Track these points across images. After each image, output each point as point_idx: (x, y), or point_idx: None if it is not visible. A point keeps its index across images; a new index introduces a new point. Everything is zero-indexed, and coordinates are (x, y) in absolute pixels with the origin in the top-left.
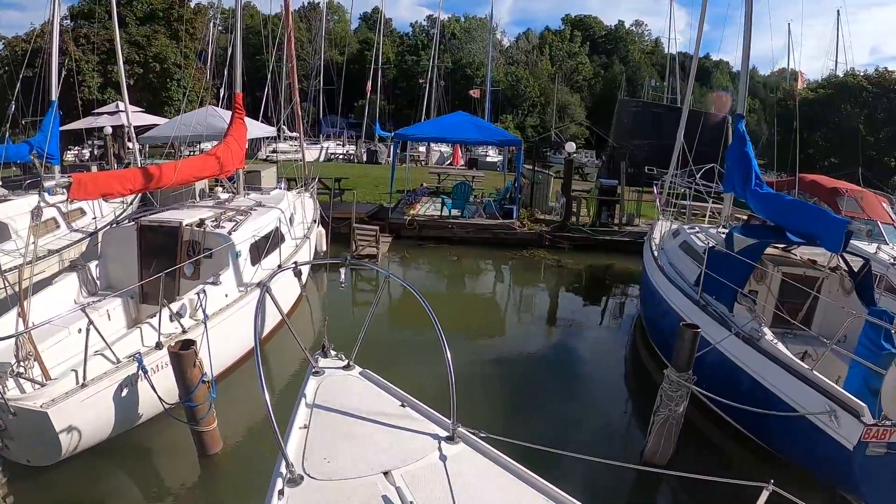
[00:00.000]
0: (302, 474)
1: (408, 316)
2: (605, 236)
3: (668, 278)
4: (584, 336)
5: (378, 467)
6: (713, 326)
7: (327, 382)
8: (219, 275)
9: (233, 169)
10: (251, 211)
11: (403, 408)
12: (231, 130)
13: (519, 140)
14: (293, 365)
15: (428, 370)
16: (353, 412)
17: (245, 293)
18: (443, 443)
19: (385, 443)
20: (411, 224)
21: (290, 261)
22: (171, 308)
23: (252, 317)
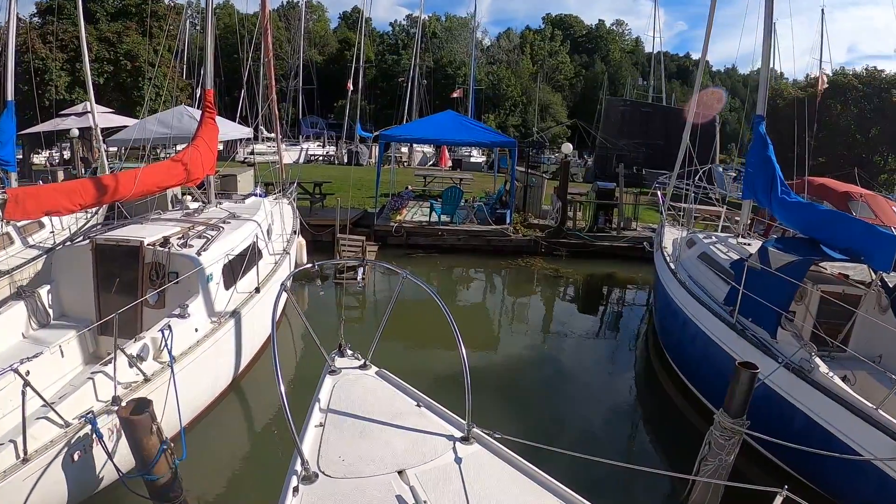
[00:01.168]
0: (317, 472)
1: (422, 317)
2: (603, 242)
3: (691, 295)
4: (592, 349)
5: (393, 466)
6: (755, 355)
7: (343, 381)
8: (186, 305)
9: (202, 175)
10: (223, 224)
11: (419, 408)
12: (201, 132)
13: (513, 141)
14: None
15: (441, 371)
16: (368, 411)
17: (218, 325)
18: (457, 443)
19: (400, 442)
20: (398, 231)
21: (268, 281)
22: (128, 355)
23: (228, 351)
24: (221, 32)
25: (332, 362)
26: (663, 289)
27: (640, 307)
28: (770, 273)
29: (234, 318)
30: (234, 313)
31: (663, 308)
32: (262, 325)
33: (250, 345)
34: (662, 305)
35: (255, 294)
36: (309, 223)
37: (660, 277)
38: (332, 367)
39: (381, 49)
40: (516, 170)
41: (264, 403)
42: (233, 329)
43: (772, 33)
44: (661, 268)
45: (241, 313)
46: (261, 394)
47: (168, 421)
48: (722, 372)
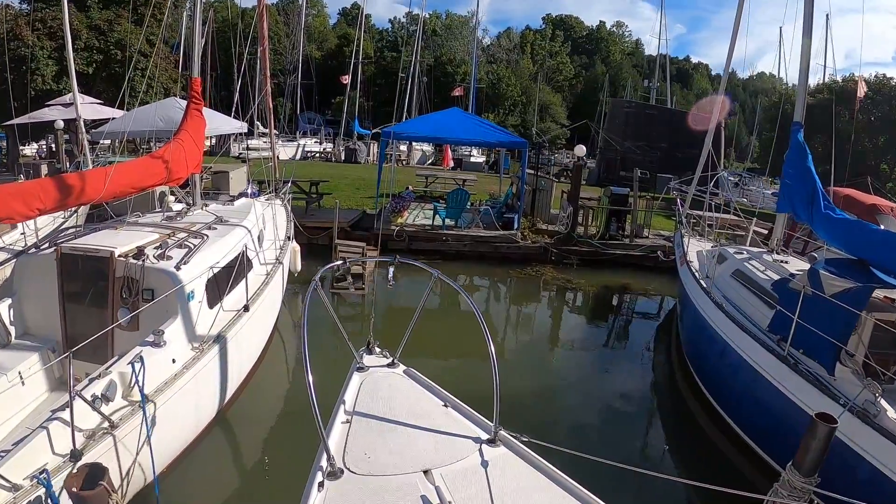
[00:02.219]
0: (342, 468)
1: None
2: (615, 250)
3: (732, 320)
4: (609, 365)
5: (418, 465)
6: (811, 394)
7: (371, 379)
8: (162, 332)
9: (186, 174)
10: (209, 231)
11: (445, 408)
12: (185, 125)
13: (524, 142)
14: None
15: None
16: (395, 409)
17: (200, 352)
18: (484, 445)
19: (426, 442)
20: (400, 235)
21: (259, 297)
22: (88, 401)
23: (211, 382)
24: (220, 26)
25: (360, 359)
26: (694, 308)
27: (655, 320)
28: (825, 300)
29: (218, 344)
30: (219, 338)
31: (694, 329)
32: (251, 347)
33: (237, 371)
34: (693, 326)
35: (243, 313)
36: (304, 225)
37: (689, 295)
38: (359, 364)
39: (381, 46)
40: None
41: (253, 436)
42: (217, 357)
43: (811, 34)
44: (689, 284)
45: (228, 337)
46: (249, 425)
47: (140, 467)
48: (769, 409)
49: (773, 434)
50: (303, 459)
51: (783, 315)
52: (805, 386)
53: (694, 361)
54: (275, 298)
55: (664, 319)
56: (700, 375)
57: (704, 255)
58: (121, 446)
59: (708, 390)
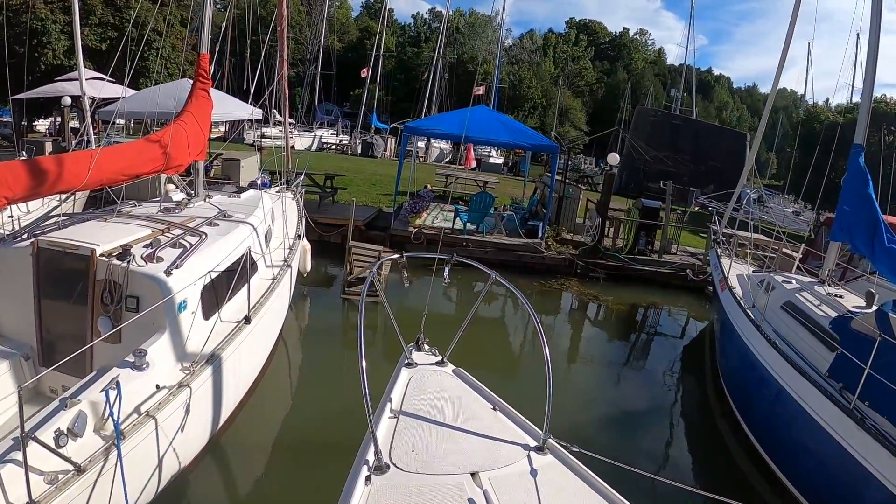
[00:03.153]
0: (388, 463)
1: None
2: (643, 266)
3: (784, 357)
4: (640, 387)
5: (466, 468)
6: (880, 455)
7: (419, 376)
8: (143, 352)
9: (187, 161)
10: (210, 227)
11: (494, 411)
12: (190, 106)
13: (556, 146)
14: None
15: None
16: (443, 409)
17: (190, 375)
18: (532, 453)
19: (474, 444)
20: (418, 238)
21: (262, 306)
22: (43, 445)
23: (202, 410)
24: (241, 13)
25: (409, 355)
26: (739, 341)
27: (680, 339)
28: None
29: (212, 365)
30: (214, 357)
31: (738, 363)
32: (252, 364)
33: (234, 393)
34: (737, 359)
35: (243, 325)
36: (316, 221)
37: (734, 325)
38: (408, 360)
39: (402, 41)
40: (549, 177)
41: (249, 466)
42: (210, 379)
43: (876, 54)
44: (734, 313)
45: (224, 356)
46: (245, 454)
47: None
48: (827, 465)
49: (829, 492)
50: (304, 491)
51: (846, 360)
52: (873, 446)
53: (737, 398)
54: (281, 306)
55: (691, 341)
56: (743, 414)
57: (747, 280)
58: (90, 493)
59: (753, 433)
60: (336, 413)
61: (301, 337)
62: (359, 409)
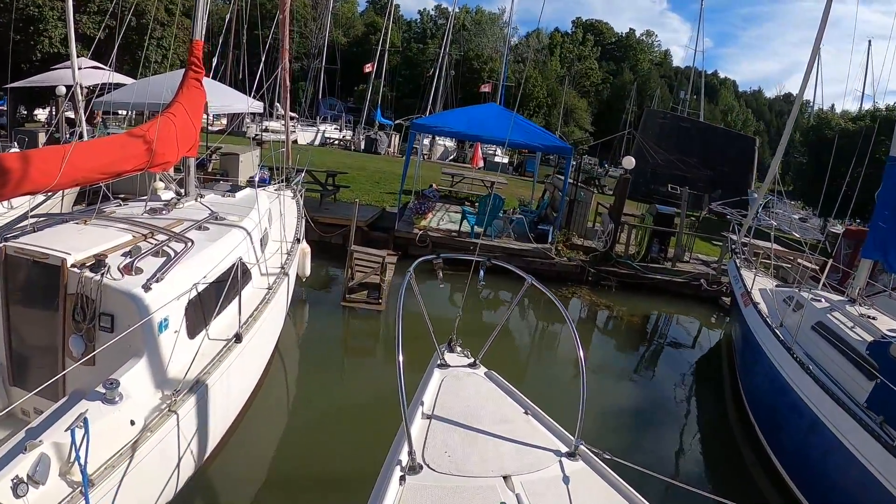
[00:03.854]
0: (422, 463)
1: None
2: (656, 275)
3: (819, 384)
4: (663, 405)
5: (498, 471)
6: None
7: (451, 377)
8: (116, 382)
9: (176, 158)
10: (199, 232)
11: (526, 415)
12: (180, 96)
13: (570, 148)
14: None
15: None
16: (476, 411)
17: (172, 405)
18: (564, 458)
19: (506, 448)
20: (423, 241)
21: (255, 322)
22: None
23: (183, 446)
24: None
25: (441, 356)
26: (767, 362)
27: (690, 350)
28: None
29: (197, 393)
30: (199, 384)
31: (765, 386)
32: (242, 386)
33: (222, 421)
34: (764, 382)
35: (234, 344)
36: (317, 221)
37: (761, 345)
38: (440, 361)
39: (408, 37)
40: (558, 178)
41: (238, 498)
42: (195, 409)
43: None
44: (760, 332)
45: (210, 383)
46: (234, 485)
47: None
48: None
49: None
50: None
51: (886, 390)
52: None
53: (763, 423)
54: (276, 320)
55: (707, 353)
56: (771, 442)
57: (771, 295)
58: None
59: (781, 461)
60: (333, 437)
61: (298, 349)
62: (357, 431)
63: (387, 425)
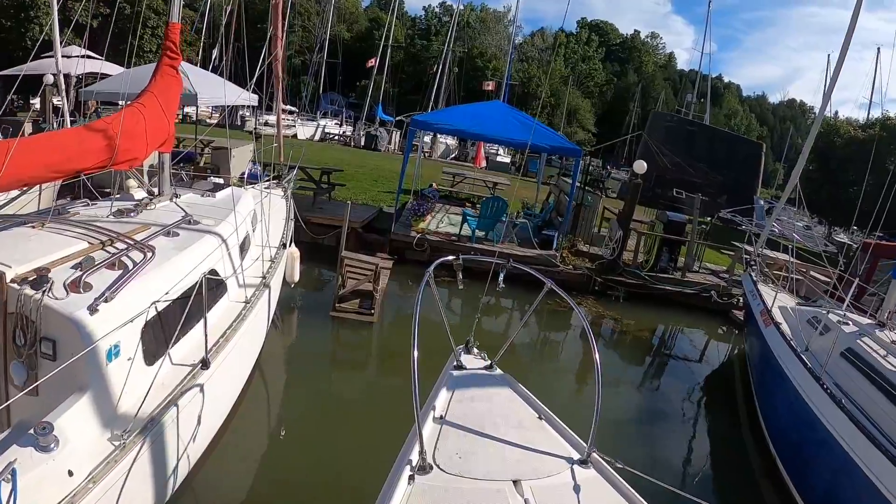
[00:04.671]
0: (432, 464)
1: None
2: (665, 285)
3: (853, 420)
4: (674, 428)
5: (509, 475)
6: None
7: (467, 379)
8: (49, 426)
9: (144, 154)
10: (166, 238)
11: (540, 420)
12: (153, 85)
13: (580, 150)
14: None
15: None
16: (489, 414)
17: (122, 450)
18: (576, 465)
19: (517, 452)
20: (421, 245)
21: (226, 345)
22: None
23: (136, 493)
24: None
25: (457, 358)
26: (793, 392)
27: (696, 365)
28: None
29: (151, 434)
30: (154, 423)
31: (790, 419)
32: (209, 419)
33: (184, 462)
34: (787, 413)
35: (199, 371)
36: (309, 221)
37: (786, 372)
38: (457, 363)
39: (411, 33)
40: (564, 181)
41: None
42: (148, 454)
43: None
44: (783, 356)
45: (166, 422)
46: None
47: None
48: None
49: None
50: None
51: None
52: None
53: (787, 458)
54: (254, 338)
55: (714, 370)
56: (796, 480)
57: (793, 315)
58: None
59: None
60: (319, 468)
61: (282, 365)
62: (345, 461)
63: (378, 452)
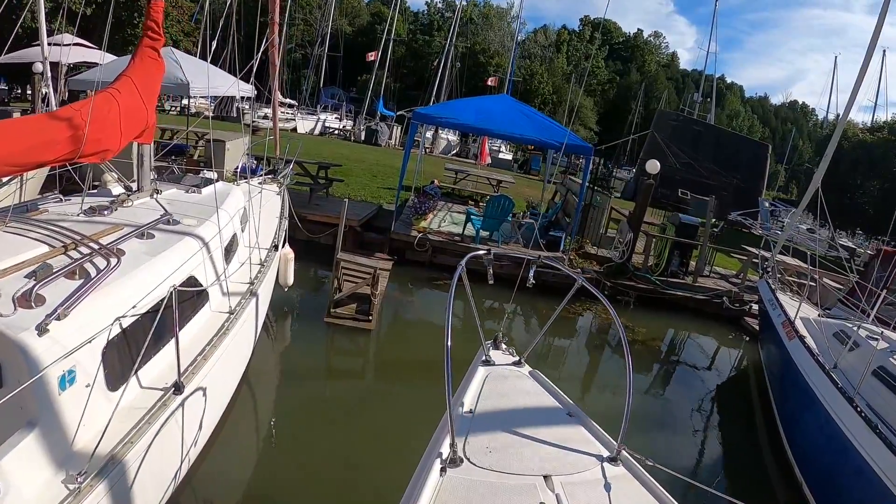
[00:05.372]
0: (462, 457)
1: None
2: (676, 290)
3: (889, 447)
4: (688, 442)
5: (539, 470)
6: None
7: (495, 374)
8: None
9: (117, 146)
10: (136, 242)
11: (569, 416)
12: (131, 69)
13: (590, 148)
14: None
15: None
16: (518, 409)
17: (78, 490)
18: (605, 463)
19: (547, 448)
20: (422, 245)
21: (202, 366)
22: None
23: None
24: None
25: (486, 352)
26: (822, 413)
27: (705, 374)
28: None
29: (111, 474)
30: (115, 461)
31: (820, 444)
32: (180, 452)
33: (153, 501)
34: (816, 436)
35: (171, 396)
36: (305, 218)
37: (814, 391)
38: (485, 357)
39: (414, 28)
40: (572, 180)
41: None
42: (109, 498)
43: None
44: (812, 374)
45: (131, 458)
46: None
47: None
48: None
49: None
50: None
51: None
52: None
53: (817, 487)
54: (238, 355)
55: (725, 381)
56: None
57: (818, 328)
58: None
59: None
60: (309, 496)
61: (269, 380)
62: (340, 482)
63: (374, 472)
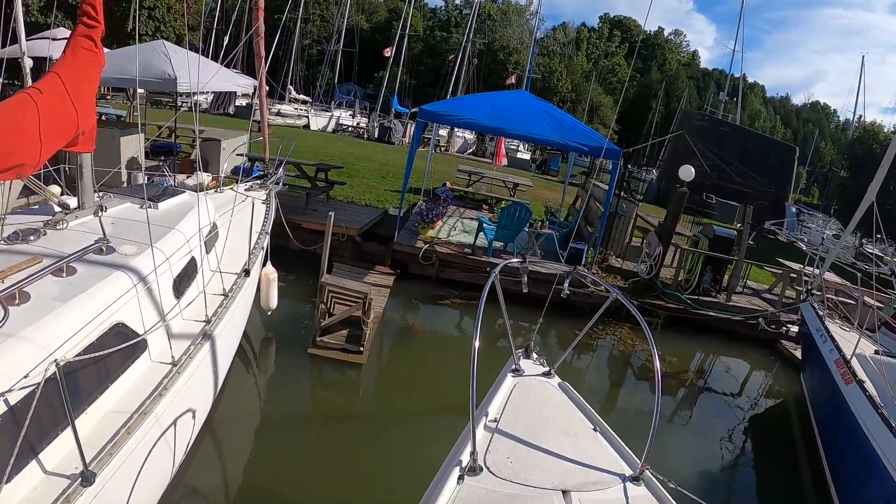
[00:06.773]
0: (482, 465)
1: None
2: (710, 310)
3: None
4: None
5: (559, 484)
6: None
7: (524, 384)
8: None
9: (34, 160)
10: (51, 281)
11: (595, 432)
12: (60, 65)
13: (619, 151)
14: None
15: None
16: (544, 421)
17: None
18: (627, 482)
19: (569, 462)
20: (428, 257)
21: (134, 430)
22: None
23: None
24: None
25: (516, 361)
26: (891, 485)
27: (737, 402)
28: None
29: None
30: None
31: None
32: None
33: None
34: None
35: (78, 488)
36: (298, 226)
37: (880, 457)
38: (515, 366)
39: (431, 25)
40: (597, 186)
41: None
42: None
43: None
44: (877, 434)
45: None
46: None
47: None
48: None
49: None
50: None
51: None
52: None
53: None
54: (182, 421)
55: (762, 414)
56: None
57: (877, 369)
58: None
59: None
60: None
61: (237, 427)
62: None
63: None
